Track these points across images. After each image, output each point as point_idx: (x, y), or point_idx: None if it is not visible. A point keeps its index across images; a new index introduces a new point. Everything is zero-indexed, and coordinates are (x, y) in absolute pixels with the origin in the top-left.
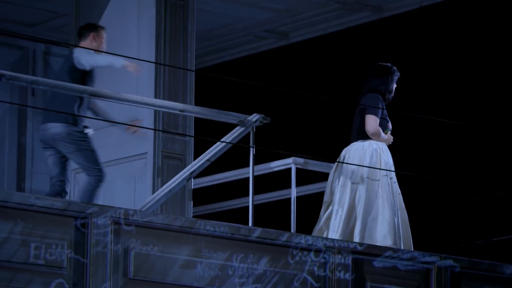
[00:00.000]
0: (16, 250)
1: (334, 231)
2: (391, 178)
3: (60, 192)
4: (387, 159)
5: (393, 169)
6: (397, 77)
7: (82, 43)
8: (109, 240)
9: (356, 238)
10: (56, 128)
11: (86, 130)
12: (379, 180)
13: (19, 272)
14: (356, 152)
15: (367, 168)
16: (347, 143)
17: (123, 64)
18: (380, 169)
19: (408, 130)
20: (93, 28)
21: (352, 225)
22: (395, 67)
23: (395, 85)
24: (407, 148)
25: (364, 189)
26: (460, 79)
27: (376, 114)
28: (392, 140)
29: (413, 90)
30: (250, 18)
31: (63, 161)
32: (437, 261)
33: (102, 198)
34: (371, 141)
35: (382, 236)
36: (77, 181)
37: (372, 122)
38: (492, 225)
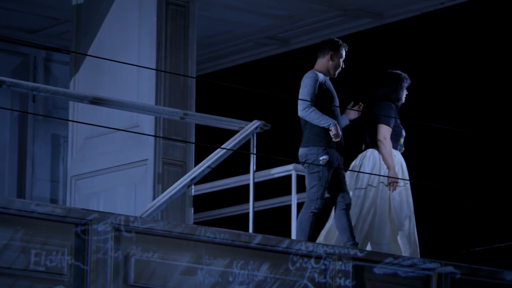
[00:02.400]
0: (17, 256)
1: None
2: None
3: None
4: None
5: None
6: (407, 84)
7: (319, 61)
8: (110, 247)
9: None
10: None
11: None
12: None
13: (19, 279)
14: (370, 159)
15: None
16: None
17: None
18: (378, 175)
19: (408, 136)
20: (333, 46)
21: (363, 227)
22: (404, 74)
23: (405, 93)
24: (407, 154)
25: (378, 194)
26: (460, 86)
27: (388, 124)
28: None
29: (414, 96)
30: (251, 25)
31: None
32: (437, 267)
33: (103, 204)
34: (374, 150)
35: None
36: (77, 188)
37: (384, 131)
38: (493, 231)
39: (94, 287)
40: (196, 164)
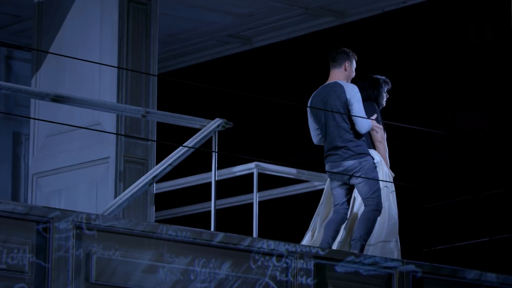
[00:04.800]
0: None
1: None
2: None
3: (344, 218)
4: (386, 170)
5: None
6: (387, 88)
7: (335, 71)
8: (71, 245)
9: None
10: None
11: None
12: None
13: None
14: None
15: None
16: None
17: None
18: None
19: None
20: (347, 56)
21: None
22: (384, 78)
23: (386, 96)
24: None
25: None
26: (422, 84)
27: (379, 123)
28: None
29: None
30: (213, 23)
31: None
32: (399, 266)
33: (64, 202)
34: (374, 151)
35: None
36: (39, 186)
37: (381, 132)
38: (454, 230)
39: (55, 285)
40: (157, 162)
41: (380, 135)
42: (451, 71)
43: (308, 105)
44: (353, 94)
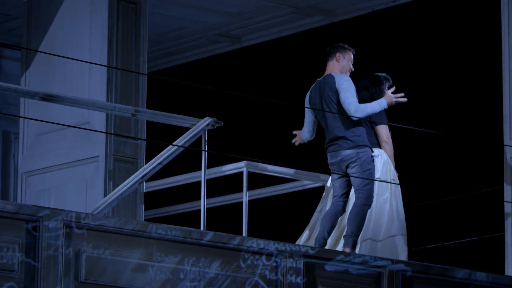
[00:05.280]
0: None
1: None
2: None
3: (342, 211)
4: (393, 169)
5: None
6: (388, 85)
7: (329, 63)
8: (61, 244)
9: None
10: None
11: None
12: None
13: None
14: (382, 159)
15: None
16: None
17: (385, 104)
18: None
19: None
20: (340, 48)
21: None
22: (384, 75)
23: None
24: None
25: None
26: (411, 83)
27: (385, 123)
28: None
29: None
30: (202, 22)
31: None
32: (388, 265)
33: (54, 201)
34: (381, 150)
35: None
36: (28, 185)
37: (386, 132)
38: (443, 229)
39: (45, 284)
40: (147, 161)
41: (386, 135)
42: (440, 70)
43: (306, 98)
44: (341, 83)
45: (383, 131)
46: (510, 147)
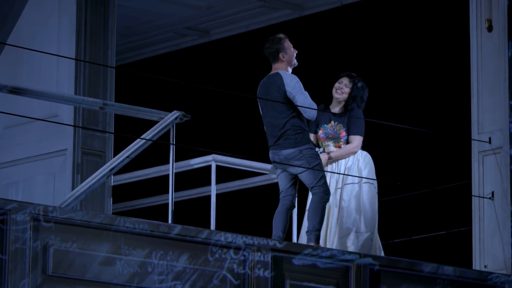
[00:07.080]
0: None
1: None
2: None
3: (291, 206)
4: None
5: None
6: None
7: (275, 64)
8: (28, 237)
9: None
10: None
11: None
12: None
13: None
14: (366, 159)
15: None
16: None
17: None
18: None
19: None
20: (277, 46)
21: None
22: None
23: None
24: None
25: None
26: (380, 77)
27: (361, 134)
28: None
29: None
30: (171, 15)
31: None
32: (356, 259)
33: (21, 194)
34: (364, 152)
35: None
36: None
37: (360, 143)
38: (411, 223)
39: (12, 277)
40: (115, 155)
41: (357, 145)
42: (408, 64)
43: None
44: (293, 86)
45: (357, 141)
46: (477, 141)
